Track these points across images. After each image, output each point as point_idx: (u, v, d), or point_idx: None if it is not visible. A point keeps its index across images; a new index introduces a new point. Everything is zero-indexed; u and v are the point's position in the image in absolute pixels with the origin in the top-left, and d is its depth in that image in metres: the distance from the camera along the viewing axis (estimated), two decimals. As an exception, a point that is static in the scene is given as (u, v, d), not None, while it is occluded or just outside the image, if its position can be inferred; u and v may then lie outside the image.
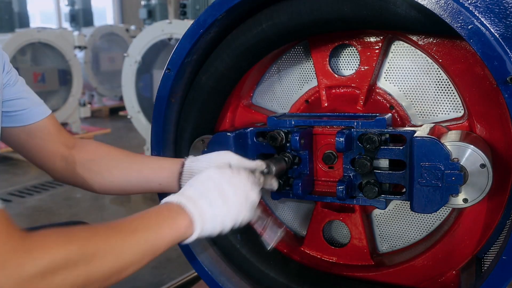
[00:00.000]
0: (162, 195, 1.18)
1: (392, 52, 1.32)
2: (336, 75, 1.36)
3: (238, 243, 1.47)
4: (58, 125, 1.29)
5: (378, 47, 1.29)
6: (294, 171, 1.28)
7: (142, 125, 4.39)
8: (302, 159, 1.25)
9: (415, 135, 1.08)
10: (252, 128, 1.30)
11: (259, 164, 1.16)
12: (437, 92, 1.27)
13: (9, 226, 0.68)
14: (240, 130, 1.29)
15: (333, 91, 1.38)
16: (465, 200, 1.09)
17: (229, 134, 1.26)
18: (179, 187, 1.15)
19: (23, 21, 6.87)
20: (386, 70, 1.33)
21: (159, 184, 1.21)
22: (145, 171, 1.24)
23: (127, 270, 0.79)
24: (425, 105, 1.29)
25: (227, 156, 1.17)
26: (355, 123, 1.18)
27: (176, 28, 4.04)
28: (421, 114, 1.30)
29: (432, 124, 1.21)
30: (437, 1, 0.98)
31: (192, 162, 1.22)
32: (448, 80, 1.24)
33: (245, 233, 1.49)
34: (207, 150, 1.30)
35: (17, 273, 0.65)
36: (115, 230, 0.79)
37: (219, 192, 0.94)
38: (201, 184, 0.94)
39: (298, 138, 1.18)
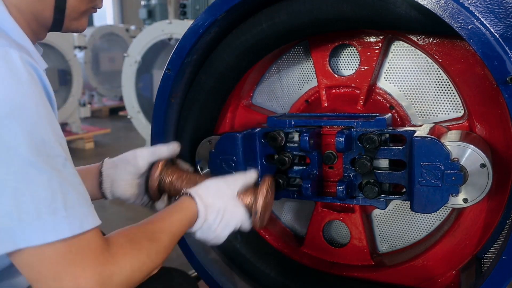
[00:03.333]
0: None
1: (392, 52, 1.32)
2: (336, 75, 1.36)
3: (238, 243, 1.47)
4: None
5: (378, 47, 1.29)
6: (294, 171, 1.29)
7: (142, 125, 4.39)
8: (311, 160, 1.25)
9: (415, 135, 1.08)
10: (259, 129, 1.30)
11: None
12: (437, 92, 1.27)
13: (102, 238, 0.83)
14: (248, 131, 1.28)
15: (333, 91, 1.38)
16: (465, 200, 1.09)
17: (237, 134, 1.26)
18: (102, 195, 1.24)
19: (23, 21, 6.85)
20: (386, 70, 1.33)
21: None
22: None
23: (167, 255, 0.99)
24: (425, 105, 1.29)
25: (142, 154, 1.23)
26: (355, 123, 1.18)
27: (176, 28, 4.04)
28: (421, 114, 1.30)
29: (432, 124, 1.21)
30: (437, 1, 0.98)
31: (110, 169, 1.24)
32: (448, 80, 1.24)
33: (245, 233, 1.49)
34: (215, 151, 1.30)
35: (108, 281, 0.80)
36: (162, 232, 0.97)
37: (222, 214, 1.09)
38: (218, 201, 1.09)
39: (307, 138, 1.18)
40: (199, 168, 1.41)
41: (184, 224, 1.04)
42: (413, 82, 1.30)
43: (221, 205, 1.08)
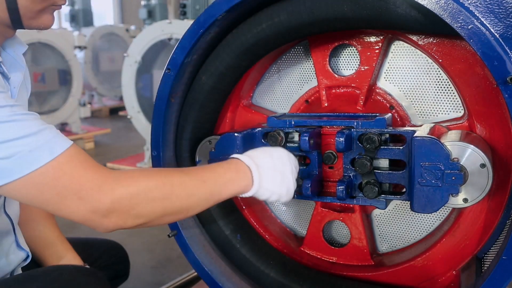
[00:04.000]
0: None
1: (392, 52, 1.32)
2: (336, 75, 1.36)
3: (238, 243, 1.47)
4: None
5: (378, 47, 1.29)
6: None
7: (142, 125, 4.39)
8: (311, 160, 1.25)
9: (415, 135, 1.08)
10: (260, 129, 1.30)
11: None
12: (437, 92, 1.27)
13: (93, 161, 0.88)
14: (248, 131, 1.28)
15: (333, 91, 1.38)
16: (465, 200, 1.09)
17: (237, 134, 1.26)
18: None
19: (23, 21, 6.85)
20: (386, 70, 1.33)
21: None
22: None
23: (195, 210, 0.99)
24: (425, 105, 1.29)
25: None
26: (355, 123, 1.19)
27: (176, 28, 4.04)
28: (421, 114, 1.30)
29: (432, 124, 1.21)
30: (437, 1, 0.98)
31: None
32: (448, 80, 1.24)
33: (245, 233, 1.49)
34: (215, 151, 1.30)
35: (111, 196, 0.86)
36: (190, 176, 0.96)
37: (279, 175, 1.09)
38: (271, 160, 1.08)
39: (307, 138, 1.18)
40: None
41: (227, 184, 1.01)
42: (413, 82, 1.30)
43: (263, 151, 1.11)
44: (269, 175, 1.06)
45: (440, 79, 1.26)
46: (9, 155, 0.83)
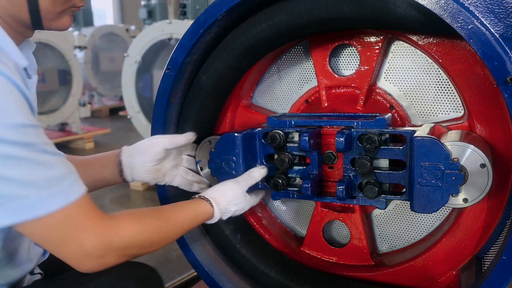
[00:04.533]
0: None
1: (392, 52, 1.32)
2: (336, 75, 1.36)
3: (238, 243, 1.47)
4: None
5: (378, 47, 1.29)
6: (294, 171, 1.29)
7: (142, 125, 4.39)
8: (311, 160, 1.25)
9: (415, 135, 1.08)
10: (260, 129, 1.30)
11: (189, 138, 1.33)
12: (437, 92, 1.27)
13: (97, 209, 0.95)
14: (248, 131, 1.28)
15: (333, 91, 1.38)
16: (465, 200, 1.09)
17: (237, 134, 1.26)
18: (123, 180, 1.34)
19: (23, 21, 6.84)
20: (386, 70, 1.33)
21: (105, 184, 1.37)
22: (90, 176, 1.32)
23: (169, 242, 1.12)
24: (425, 105, 1.29)
25: (159, 141, 1.31)
26: (355, 123, 1.18)
27: (176, 28, 4.04)
28: (421, 114, 1.30)
29: (432, 124, 1.21)
30: (437, 1, 0.98)
31: (129, 157, 1.32)
32: (448, 80, 1.24)
33: (245, 233, 1.49)
34: (215, 151, 1.30)
35: (108, 245, 0.95)
36: (173, 226, 1.10)
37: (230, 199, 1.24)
38: (223, 195, 1.23)
39: (307, 138, 1.18)
40: (199, 168, 1.41)
41: (195, 222, 1.16)
42: (413, 82, 1.30)
43: (235, 208, 1.23)
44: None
45: (440, 79, 1.26)
46: (28, 195, 0.87)
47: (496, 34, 0.94)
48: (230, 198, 1.22)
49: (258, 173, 1.28)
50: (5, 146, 0.84)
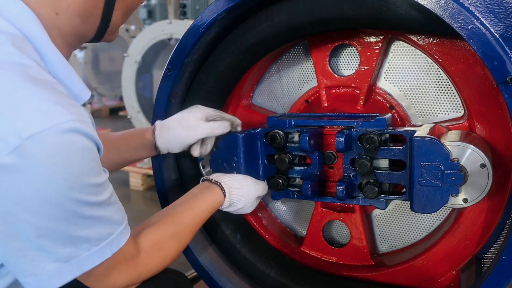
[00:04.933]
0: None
1: (392, 52, 1.31)
2: (336, 75, 1.36)
3: (238, 243, 1.47)
4: None
5: (378, 47, 1.29)
6: (294, 171, 1.29)
7: (142, 125, 4.38)
8: (312, 160, 1.25)
9: (415, 135, 1.08)
10: (261, 129, 1.30)
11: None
12: (437, 92, 1.27)
13: (131, 246, 0.96)
14: (249, 131, 1.28)
15: (333, 91, 1.38)
16: (465, 200, 1.09)
17: (238, 134, 1.26)
18: (158, 152, 1.33)
19: (23, 21, 6.83)
20: (386, 70, 1.33)
21: (140, 159, 1.40)
22: (125, 154, 1.34)
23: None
24: (425, 105, 1.29)
25: (202, 111, 1.28)
26: (355, 123, 1.18)
27: (176, 28, 4.04)
28: (421, 114, 1.30)
29: (432, 124, 1.21)
30: (437, 1, 0.98)
31: (164, 143, 1.30)
32: (448, 80, 1.24)
33: (245, 233, 1.49)
34: (216, 151, 1.29)
35: (137, 278, 1.00)
36: (188, 229, 1.12)
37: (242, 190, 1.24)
38: (238, 188, 1.24)
39: (307, 138, 1.18)
40: (201, 167, 1.41)
41: (210, 213, 1.17)
42: (413, 82, 1.30)
43: (241, 205, 1.23)
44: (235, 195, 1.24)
45: (440, 79, 1.26)
46: (81, 252, 0.85)
47: (496, 34, 0.94)
48: (243, 193, 1.22)
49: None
50: (82, 207, 0.81)
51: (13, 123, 0.72)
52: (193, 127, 1.25)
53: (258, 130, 1.29)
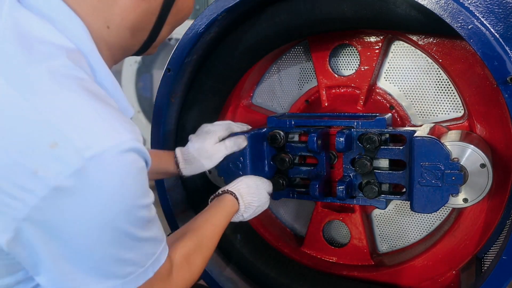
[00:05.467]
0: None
1: (392, 52, 1.31)
2: (336, 75, 1.36)
3: (238, 243, 1.47)
4: None
5: (378, 47, 1.29)
6: (294, 171, 1.29)
7: (142, 125, 4.38)
8: (319, 160, 1.25)
9: (415, 135, 1.08)
10: (266, 129, 1.29)
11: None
12: (437, 92, 1.27)
13: (166, 266, 0.91)
14: (255, 131, 1.28)
15: (333, 91, 1.38)
16: (465, 200, 1.09)
17: (244, 135, 1.25)
18: (180, 173, 1.31)
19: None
20: (386, 70, 1.33)
21: (163, 176, 1.39)
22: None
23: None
24: (425, 105, 1.29)
25: (213, 136, 1.27)
26: (355, 123, 1.18)
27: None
28: (421, 114, 1.30)
29: (432, 124, 1.21)
30: (437, 1, 0.98)
31: (186, 168, 1.30)
32: (448, 80, 1.24)
33: (245, 233, 1.49)
34: None
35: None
36: (210, 242, 1.09)
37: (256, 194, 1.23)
38: (243, 185, 1.22)
39: (315, 139, 1.17)
40: (206, 171, 1.41)
41: (228, 221, 1.17)
42: (413, 82, 1.30)
43: (257, 203, 1.21)
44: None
45: (440, 79, 1.26)
46: (131, 271, 0.81)
47: (496, 34, 0.94)
48: (253, 191, 1.21)
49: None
50: (136, 229, 0.78)
51: (74, 141, 0.67)
52: (212, 155, 1.27)
53: (264, 130, 1.29)
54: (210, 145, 1.27)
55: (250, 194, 1.20)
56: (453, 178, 1.04)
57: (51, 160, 0.67)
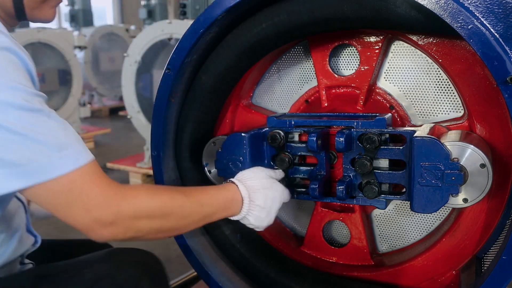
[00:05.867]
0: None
1: (392, 52, 1.32)
2: (336, 75, 1.36)
3: (238, 243, 1.47)
4: None
5: (378, 47, 1.29)
6: (295, 171, 1.29)
7: (142, 125, 4.38)
8: (319, 160, 1.25)
9: (415, 135, 1.08)
10: (267, 129, 1.30)
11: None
12: (437, 92, 1.27)
13: (106, 177, 0.93)
14: (255, 131, 1.28)
15: (333, 91, 1.38)
16: (465, 200, 1.09)
17: (244, 134, 1.25)
18: None
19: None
20: (386, 70, 1.33)
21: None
22: None
23: (187, 229, 1.09)
24: (425, 105, 1.29)
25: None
26: (355, 123, 1.18)
27: (176, 28, 4.04)
28: (421, 114, 1.30)
29: (432, 124, 1.21)
30: (437, 1, 0.98)
31: None
32: (448, 80, 1.24)
33: (245, 233, 1.49)
34: (222, 151, 1.29)
35: (116, 211, 0.92)
36: (190, 199, 1.03)
37: (266, 213, 1.16)
38: (264, 199, 1.15)
39: (315, 139, 1.17)
40: (206, 171, 1.41)
41: (226, 201, 1.10)
42: (413, 82, 1.30)
43: (261, 185, 1.15)
44: (256, 211, 1.15)
45: (440, 79, 1.26)
46: (37, 158, 0.87)
47: (496, 34, 0.94)
48: (256, 176, 1.17)
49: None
50: (15, 111, 0.85)
51: None
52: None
53: (264, 130, 1.29)
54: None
55: (251, 178, 1.15)
56: (453, 178, 1.04)
57: None
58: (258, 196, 1.14)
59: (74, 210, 0.91)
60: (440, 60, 1.20)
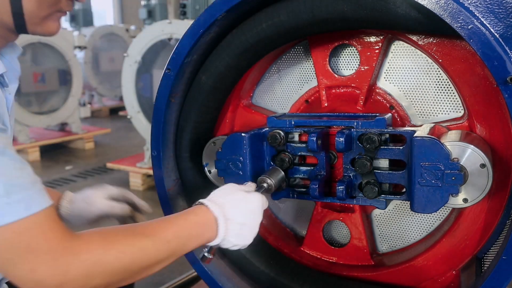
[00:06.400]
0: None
1: (392, 52, 1.31)
2: (336, 75, 1.36)
3: (238, 243, 1.46)
4: None
5: (378, 47, 1.29)
6: (295, 171, 1.29)
7: (142, 125, 4.39)
8: (319, 160, 1.25)
9: (415, 135, 1.08)
10: (267, 129, 1.30)
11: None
12: (437, 92, 1.27)
13: (60, 227, 0.80)
14: (255, 131, 1.28)
15: (333, 91, 1.38)
16: (465, 200, 1.09)
17: (244, 134, 1.25)
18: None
19: (23, 21, 6.84)
20: (386, 70, 1.33)
21: None
22: None
23: (157, 269, 0.93)
24: (425, 105, 1.29)
25: (105, 190, 1.34)
26: (355, 123, 1.18)
27: (176, 28, 4.04)
28: (421, 114, 1.30)
29: (432, 124, 1.21)
30: (437, 1, 0.98)
31: (68, 215, 1.32)
32: (448, 80, 1.24)
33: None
34: (222, 151, 1.29)
35: (65, 271, 0.78)
36: (153, 239, 0.90)
37: (248, 229, 1.06)
38: (241, 214, 1.04)
39: (315, 139, 1.17)
40: (206, 171, 1.41)
41: (198, 227, 0.97)
42: (413, 82, 1.30)
43: (235, 199, 1.04)
44: (236, 229, 1.03)
45: (440, 79, 1.26)
46: None
47: (496, 34, 0.94)
48: (221, 192, 1.06)
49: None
50: None
51: None
52: (93, 203, 1.31)
53: (264, 130, 1.29)
54: (95, 195, 1.33)
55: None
56: (453, 178, 1.04)
57: None
58: (234, 212, 1.03)
59: (18, 270, 0.77)
60: (440, 60, 1.20)
